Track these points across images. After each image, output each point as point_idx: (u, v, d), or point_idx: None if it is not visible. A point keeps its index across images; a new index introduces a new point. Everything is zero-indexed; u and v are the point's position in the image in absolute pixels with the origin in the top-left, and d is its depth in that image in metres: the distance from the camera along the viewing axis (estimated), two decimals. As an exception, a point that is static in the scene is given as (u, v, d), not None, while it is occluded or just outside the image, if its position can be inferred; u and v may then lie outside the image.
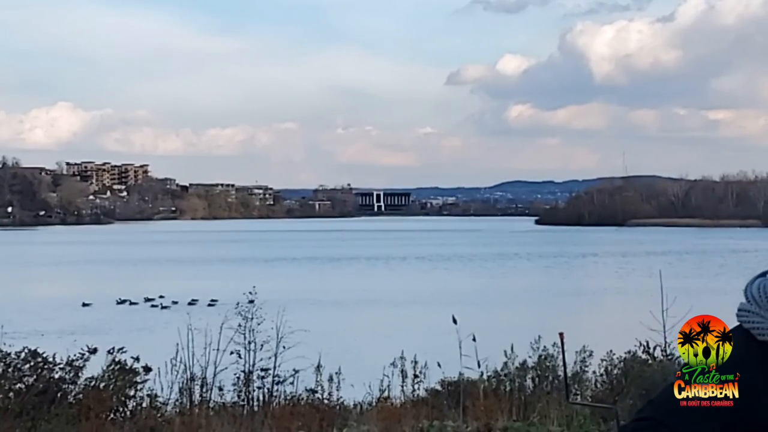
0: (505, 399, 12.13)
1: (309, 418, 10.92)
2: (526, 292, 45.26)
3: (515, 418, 11.55)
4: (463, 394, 12.20)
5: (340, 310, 37.30)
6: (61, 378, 11.19)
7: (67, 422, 10.44)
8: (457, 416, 11.49)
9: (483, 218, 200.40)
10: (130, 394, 11.42)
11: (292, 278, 52.51)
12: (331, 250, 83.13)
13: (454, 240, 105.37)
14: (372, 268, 64.54)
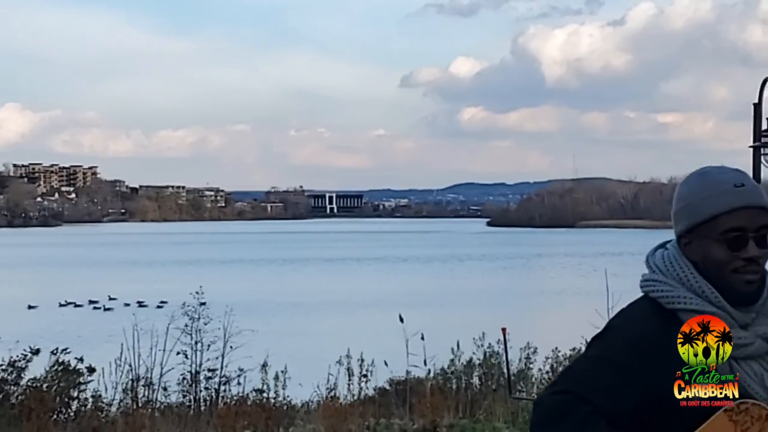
0: (452, 396, 12.19)
1: (255, 418, 10.87)
2: (477, 293, 45.47)
3: (461, 415, 11.60)
4: (410, 392, 12.22)
5: (290, 311, 37.24)
6: (3, 379, 11.04)
7: (9, 423, 10.31)
8: (404, 414, 11.51)
9: (435, 220, 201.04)
10: (74, 395, 11.29)
11: (243, 280, 52.32)
12: (283, 252, 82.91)
13: (407, 242, 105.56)
14: (323, 270, 64.47)
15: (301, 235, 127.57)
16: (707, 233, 2.45)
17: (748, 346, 2.43)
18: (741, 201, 2.45)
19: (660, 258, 2.57)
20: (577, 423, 2.38)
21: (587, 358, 2.51)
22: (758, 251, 2.44)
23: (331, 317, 35.61)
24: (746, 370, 2.42)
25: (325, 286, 50.23)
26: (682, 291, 2.47)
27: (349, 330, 27.67)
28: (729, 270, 2.44)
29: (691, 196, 2.50)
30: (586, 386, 2.42)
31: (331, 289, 47.60)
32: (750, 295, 2.45)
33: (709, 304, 2.44)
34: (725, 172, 2.51)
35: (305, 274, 61.21)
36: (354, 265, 68.96)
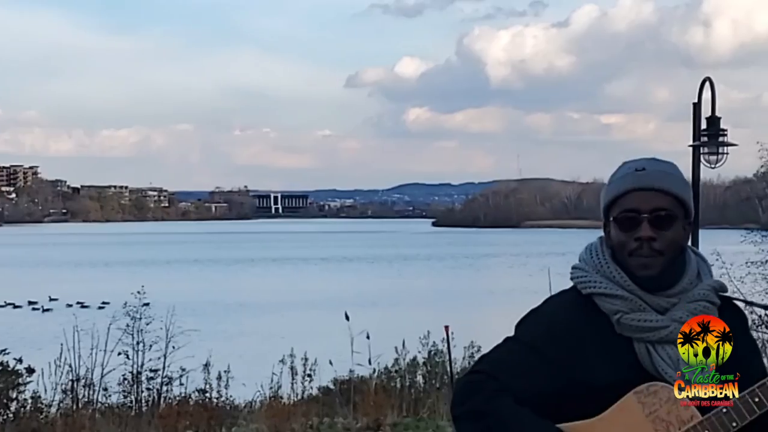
0: (396, 395, 12.22)
1: (197, 418, 10.78)
2: (423, 292, 45.60)
3: (405, 414, 11.62)
4: (354, 391, 12.23)
5: (235, 311, 37.05)
6: (-61, 381, 10.84)
7: (-55, 426, 10.11)
8: (348, 413, 11.50)
9: (381, 220, 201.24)
10: (13, 396, 11.12)
11: (186, 280, 51.95)
12: (228, 252, 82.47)
13: (353, 242, 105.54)
14: (269, 270, 64.24)
15: (245, 235, 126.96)
16: (610, 218, 2.55)
17: (661, 329, 2.47)
18: (635, 183, 2.52)
19: (585, 249, 2.66)
20: (484, 398, 2.47)
21: (507, 341, 2.61)
22: (651, 232, 2.48)
23: (276, 317, 35.47)
24: (661, 353, 2.46)
25: (270, 286, 50.06)
26: (595, 276, 2.54)
27: (294, 330, 27.56)
28: (626, 252, 2.51)
29: (606, 185, 2.61)
30: (498, 367, 2.52)
31: (277, 289, 47.44)
32: (651, 280, 2.50)
33: (619, 287, 2.50)
34: (638, 161, 2.58)
35: (250, 274, 60.93)
36: (300, 266, 68.78)
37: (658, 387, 2.43)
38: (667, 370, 2.44)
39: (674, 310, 2.49)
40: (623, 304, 2.48)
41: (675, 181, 2.55)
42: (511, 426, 2.43)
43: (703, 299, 2.52)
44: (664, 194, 2.51)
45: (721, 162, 11.85)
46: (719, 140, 11.57)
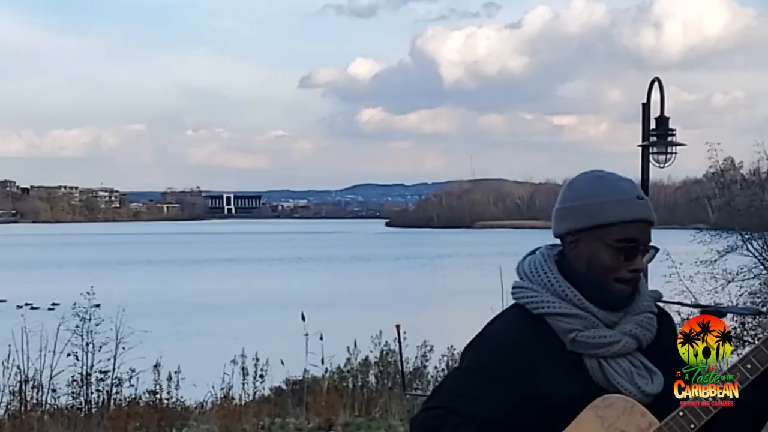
0: (348, 395, 12.21)
1: (147, 419, 10.72)
2: (376, 293, 45.61)
3: (357, 414, 11.63)
4: (306, 392, 12.22)
5: (187, 312, 36.80)
6: None
7: None
8: (300, 413, 11.49)
9: (334, 221, 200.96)
10: (-42, 398, 10.99)
11: (138, 281, 51.54)
12: (180, 252, 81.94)
13: (306, 242, 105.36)
14: (222, 271, 63.91)
15: (198, 236, 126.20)
16: (603, 237, 2.49)
17: (615, 344, 2.48)
18: (642, 214, 2.51)
19: (528, 265, 2.62)
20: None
21: (457, 370, 2.56)
22: (642, 264, 2.52)
23: (229, 318, 35.27)
24: (615, 367, 2.47)
25: (223, 286, 49.81)
26: (546, 296, 2.51)
27: (248, 330, 27.44)
28: (612, 277, 2.49)
29: (591, 196, 2.53)
30: (455, 399, 2.47)
31: (230, 290, 47.23)
32: (624, 301, 2.52)
33: (573, 306, 2.49)
34: (624, 181, 2.57)
35: (203, 275, 60.57)
36: (254, 266, 68.52)
37: (614, 399, 2.44)
38: (622, 383, 2.46)
39: (622, 323, 2.51)
40: (578, 323, 2.48)
41: None
42: None
43: (647, 310, 2.56)
44: (651, 225, 2.55)
45: (670, 162, 11.99)
46: (668, 140, 11.71)
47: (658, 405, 2.46)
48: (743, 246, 19.97)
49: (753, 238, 19.84)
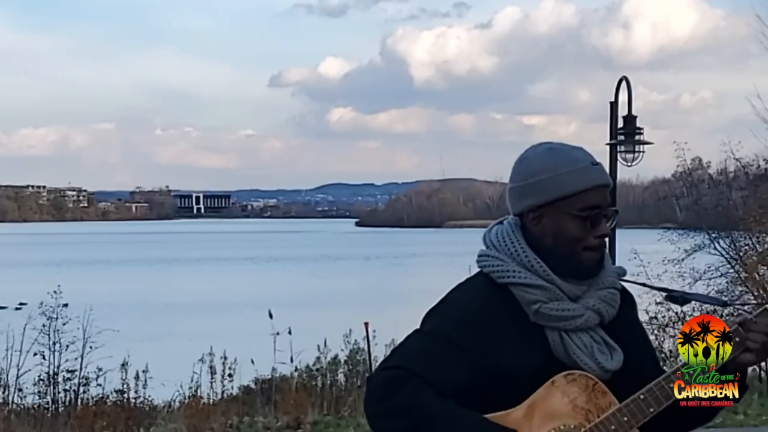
0: (317, 394, 12.19)
1: (114, 418, 10.67)
2: (347, 292, 45.53)
3: (326, 412, 11.60)
4: (275, 390, 12.18)
5: (155, 311, 36.59)
6: None
7: None
8: (268, 412, 11.45)
9: (304, 220, 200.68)
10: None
11: (106, 280, 51.19)
12: (149, 252, 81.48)
13: (276, 242, 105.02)
14: (191, 270, 63.59)
15: (167, 235, 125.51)
16: (565, 209, 2.48)
17: (578, 318, 2.47)
18: (599, 179, 2.50)
19: (495, 234, 2.60)
20: (406, 395, 2.40)
21: (419, 333, 2.53)
22: (607, 229, 2.51)
23: (198, 317, 35.10)
24: (576, 342, 2.47)
25: (192, 286, 49.55)
26: (512, 265, 2.50)
27: (217, 329, 27.31)
28: (581, 247, 2.48)
29: (547, 170, 2.50)
30: (415, 361, 2.45)
31: (199, 289, 46.99)
32: (594, 269, 2.52)
33: (538, 277, 2.48)
34: (576, 150, 2.55)
35: (172, 274, 60.25)
36: (223, 265, 68.22)
37: (576, 375, 2.44)
38: (582, 358, 2.46)
39: (586, 297, 2.50)
40: (542, 294, 2.47)
41: None
42: (438, 421, 2.38)
43: (611, 286, 2.55)
44: (609, 188, 2.54)
45: (638, 160, 12.06)
46: (635, 138, 11.78)
47: (615, 382, 2.47)
48: (710, 245, 20.08)
49: (720, 237, 19.96)
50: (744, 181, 20.86)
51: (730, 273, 19.69)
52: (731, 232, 19.87)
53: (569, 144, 2.58)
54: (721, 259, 20.05)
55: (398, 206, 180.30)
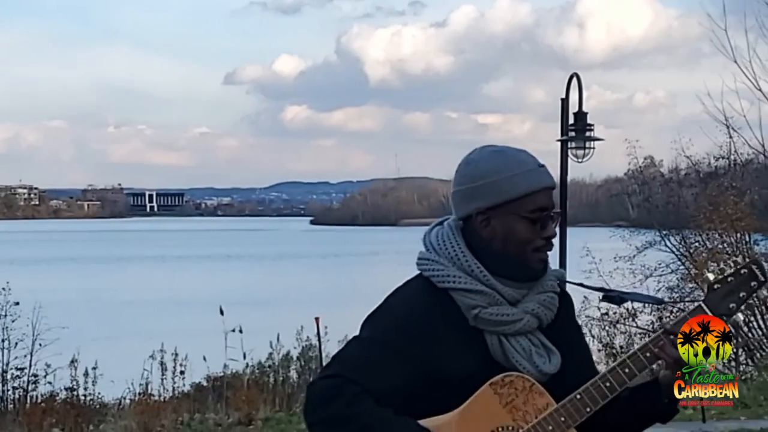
0: (269, 390, 12.16)
1: (64, 415, 10.58)
2: (300, 289, 45.45)
3: (278, 409, 11.58)
4: (226, 387, 12.14)
5: (107, 309, 36.29)
6: None
7: None
8: (220, 409, 11.41)
9: (259, 218, 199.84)
10: None
11: (57, 278, 50.65)
12: (101, 250, 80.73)
13: (230, 240, 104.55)
14: (143, 268, 63.12)
15: (119, 233, 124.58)
16: (516, 210, 2.48)
17: (517, 322, 2.49)
18: (547, 181, 2.52)
19: (435, 236, 2.60)
20: (344, 404, 2.40)
21: (357, 340, 2.53)
22: (554, 230, 2.53)
23: (150, 315, 34.85)
24: (515, 345, 2.48)
25: (145, 284, 49.19)
26: (452, 270, 2.50)
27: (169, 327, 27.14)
28: (531, 248, 2.49)
29: (496, 173, 2.50)
30: (354, 368, 2.45)
31: (152, 287, 46.64)
32: (541, 271, 2.54)
33: (478, 282, 2.48)
34: (521, 152, 2.55)
35: (124, 272, 59.77)
36: (176, 264, 67.77)
37: (514, 377, 2.45)
38: (520, 361, 2.47)
39: (525, 301, 2.52)
40: (482, 299, 2.47)
41: None
42: (375, 429, 2.38)
43: (550, 290, 2.57)
44: (553, 190, 2.56)
45: (588, 156, 12.15)
46: (586, 135, 11.87)
47: (554, 384, 2.49)
48: (661, 242, 20.33)
49: (671, 234, 20.21)
50: (695, 179, 21.12)
51: (680, 270, 19.93)
52: (682, 230, 20.11)
53: (514, 147, 2.58)
54: (672, 255, 20.31)
55: (353, 204, 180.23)
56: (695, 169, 21.05)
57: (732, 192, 18.60)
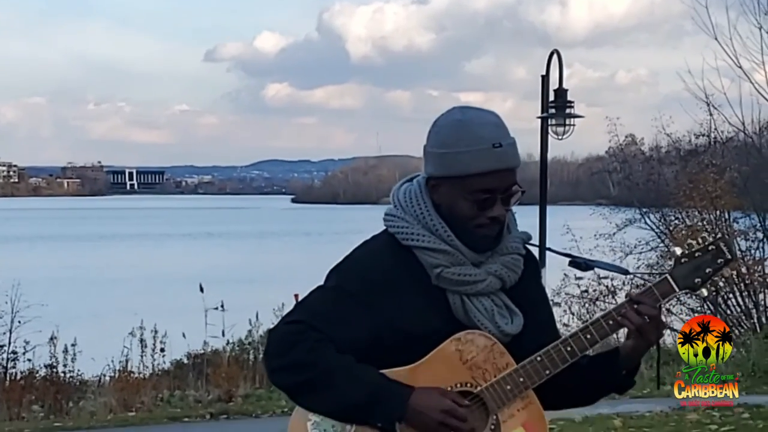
0: (249, 367, 12.17)
1: (44, 392, 10.59)
2: (281, 267, 45.40)
3: (258, 386, 11.59)
4: (207, 364, 12.16)
5: (88, 286, 36.21)
6: None
7: None
8: (200, 386, 11.42)
9: (239, 197, 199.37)
10: None
11: (37, 256, 50.48)
12: (81, 228, 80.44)
13: (212, 218, 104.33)
14: (125, 246, 62.95)
15: (99, 211, 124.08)
16: (459, 187, 2.48)
17: (480, 282, 2.51)
18: (496, 164, 2.48)
19: (403, 193, 2.61)
20: (305, 350, 2.43)
21: (322, 289, 2.57)
22: (503, 211, 2.51)
23: (131, 292, 34.75)
24: (477, 305, 2.50)
25: (125, 261, 49.07)
26: (417, 228, 2.52)
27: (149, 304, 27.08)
28: (472, 225, 2.50)
29: (448, 145, 2.50)
30: (317, 316, 2.49)
31: (133, 265, 46.53)
32: (488, 245, 2.54)
33: (441, 241, 2.50)
34: (485, 126, 2.51)
35: (104, 250, 59.56)
36: (157, 241, 67.61)
37: (475, 335, 2.48)
38: (482, 321, 2.49)
39: (489, 263, 2.53)
40: (445, 259, 2.49)
41: (517, 149, 2.55)
42: (334, 375, 2.41)
43: (514, 252, 2.58)
44: (514, 170, 2.53)
45: (569, 133, 12.15)
46: (566, 112, 11.86)
47: (515, 345, 2.51)
48: (641, 219, 20.39)
49: (651, 212, 20.27)
50: (675, 156, 21.17)
51: (660, 247, 20.00)
52: (662, 208, 20.17)
53: (484, 111, 2.55)
54: (652, 233, 20.37)
55: (334, 183, 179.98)
56: (675, 146, 21.10)
57: (712, 170, 18.65)
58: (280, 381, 2.51)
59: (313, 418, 2.48)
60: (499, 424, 2.46)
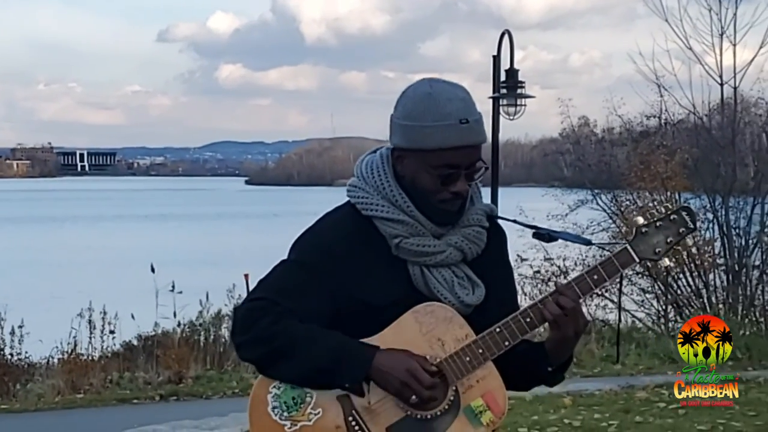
0: (200, 348, 12.13)
1: (-11, 375, 10.41)
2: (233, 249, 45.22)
3: (209, 367, 11.55)
4: (157, 346, 12.10)
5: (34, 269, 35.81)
6: None
7: None
8: (150, 368, 11.35)
9: (192, 178, 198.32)
10: None
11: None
12: (30, 210, 79.56)
13: (164, 200, 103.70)
14: (75, 228, 62.38)
15: (50, 193, 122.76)
16: (423, 161, 2.48)
17: (439, 254, 2.51)
18: (462, 140, 2.48)
19: (365, 165, 2.63)
20: (268, 322, 2.44)
21: (283, 263, 2.58)
22: (465, 186, 2.52)
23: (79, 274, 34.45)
24: (436, 276, 2.51)
25: (75, 243, 48.61)
26: (377, 198, 2.53)
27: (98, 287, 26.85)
28: (435, 199, 2.50)
29: (413, 118, 2.49)
30: (279, 291, 2.50)
31: (82, 246, 46.14)
32: (449, 219, 2.54)
33: (401, 212, 2.51)
34: (452, 102, 2.49)
35: (54, 232, 58.97)
36: (109, 223, 67.04)
37: (436, 306, 2.48)
38: (442, 292, 2.49)
39: (449, 234, 2.53)
40: (403, 229, 2.49)
41: (483, 125, 2.54)
42: (298, 343, 2.42)
43: (476, 224, 2.57)
44: (479, 146, 2.53)
45: (520, 114, 12.17)
46: (517, 92, 11.87)
47: (476, 317, 2.51)
48: (593, 200, 20.52)
49: (602, 193, 20.40)
50: (626, 138, 21.31)
51: (611, 228, 20.15)
52: (613, 189, 20.32)
53: (453, 85, 2.54)
54: (604, 214, 20.52)
55: (288, 164, 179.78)
56: (627, 128, 21.22)
57: (662, 151, 18.79)
58: (246, 355, 2.52)
59: (273, 390, 2.48)
60: (459, 395, 2.46)
